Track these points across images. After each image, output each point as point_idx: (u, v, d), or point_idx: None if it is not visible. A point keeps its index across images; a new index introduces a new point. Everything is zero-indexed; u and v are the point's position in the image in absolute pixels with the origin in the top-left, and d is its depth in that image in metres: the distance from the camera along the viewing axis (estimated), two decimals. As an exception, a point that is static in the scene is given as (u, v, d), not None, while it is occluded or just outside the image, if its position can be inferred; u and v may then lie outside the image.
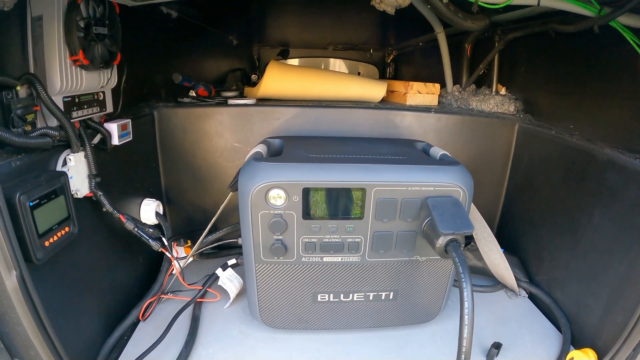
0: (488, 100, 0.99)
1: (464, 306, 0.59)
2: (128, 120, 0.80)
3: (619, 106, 0.77)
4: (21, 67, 0.59)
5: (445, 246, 0.63)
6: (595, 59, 0.82)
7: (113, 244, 0.78)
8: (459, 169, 0.69)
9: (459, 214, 0.65)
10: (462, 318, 0.59)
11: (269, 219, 0.65)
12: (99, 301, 0.74)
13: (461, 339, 0.59)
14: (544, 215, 0.90)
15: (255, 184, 0.63)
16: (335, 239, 0.67)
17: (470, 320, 0.59)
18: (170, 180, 0.94)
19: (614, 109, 0.78)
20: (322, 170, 0.64)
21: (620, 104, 0.76)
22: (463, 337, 0.59)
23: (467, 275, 0.60)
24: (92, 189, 0.71)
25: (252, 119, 0.90)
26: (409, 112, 0.92)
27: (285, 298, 0.72)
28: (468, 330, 0.59)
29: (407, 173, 0.66)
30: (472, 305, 0.59)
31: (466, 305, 0.59)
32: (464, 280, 0.60)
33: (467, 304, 0.59)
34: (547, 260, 0.90)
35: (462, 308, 0.59)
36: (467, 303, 0.59)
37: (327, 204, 0.65)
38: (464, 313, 0.59)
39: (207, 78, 1.14)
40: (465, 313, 0.59)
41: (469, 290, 0.59)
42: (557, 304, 0.86)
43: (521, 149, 0.97)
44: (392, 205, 0.66)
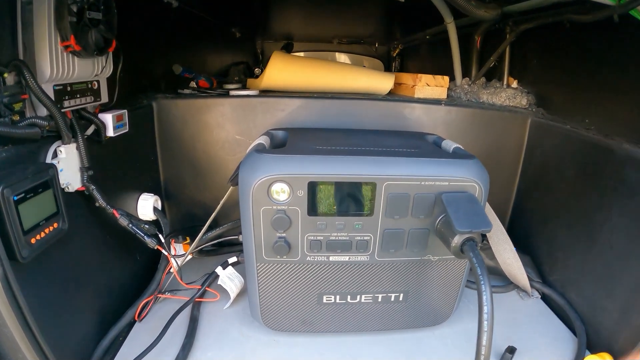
0: (499, 93, 0.92)
1: (482, 311, 0.52)
2: (124, 111, 0.74)
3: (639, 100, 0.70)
4: (10, 53, 0.53)
5: (461, 245, 0.57)
6: (613, 51, 0.75)
7: (108, 241, 0.72)
8: (474, 162, 0.62)
9: (475, 211, 0.58)
10: (480, 324, 0.52)
11: (271, 215, 0.58)
12: (92, 301, 0.68)
13: (479, 346, 0.53)
14: (558, 212, 0.83)
15: (256, 177, 0.56)
16: (343, 237, 0.60)
17: (490, 326, 0.52)
18: (169, 174, 0.87)
19: (633, 102, 0.71)
20: (329, 162, 0.57)
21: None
22: (482, 345, 0.52)
23: (485, 277, 0.53)
24: (84, 182, 0.65)
25: (254, 110, 0.83)
26: (418, 104, 0.85)
27: (289, 299, 0.65)
28: (487, 337, 0.52)
29: (420, 166, 0.59)
30: (492, 309, 0.53)
31: (485, 310, 0.52)
32: (483, 283, 0.53)
33: (486, 309, 0.52)
34: (561, 259, 0.83)
35: (481, 313, 0.52)
36: (486, 307, 0.53)
37: (335, 200, 0.58)
38: (483, 318, 0.52)
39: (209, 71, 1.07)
40: (484, 318, 0.52)
41: (488, 294, 0.53)
42: (571, 305, 0.79)
43: (534, 144, 0.90)
44: (404, 201, 0.59)
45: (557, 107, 0.89)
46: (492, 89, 0.94)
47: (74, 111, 0.64)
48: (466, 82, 0.99)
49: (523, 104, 0.92)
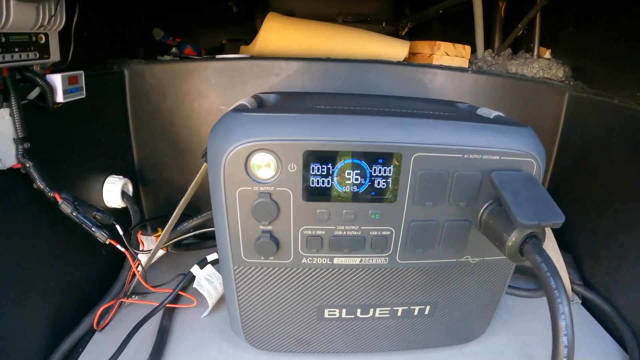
0: (531, 64, 0.70)
1: (559, 343, 0.31)
2: (80, 72, 0.52)
3: None
4: None
5: (521, 244, 0.35)
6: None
7: (62, 233, 0.51)
8: (529, 132, 0.40)
9: (539, 197, 0.36)
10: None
11: (252, 200, 0.36)
12: (41, 306, 0.48)
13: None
14: (604, 202, 0.62)
15: (230, 144, 0.35)
16: (353, 232, 0.38)
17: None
18: (144, 153, 0.65)
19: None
20: (335, 124, 0.35)
21: None
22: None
23: (562, 292, 0.32)
24: (20, 157, 0.44)
25: (244, 75, 0.61)
26: (440, 71, 0.63)
27: (279, 313, 0.44)
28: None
29: (463, 133, 0.37)
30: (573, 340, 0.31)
31: (564, 342, 0.31)
32: (560, 302, 0.31)
33: (565, 340, 0.31)
34: (607, 258, 0.61)
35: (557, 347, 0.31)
36: (565, 339, 0.31)
37: (342, 179, 0.36)
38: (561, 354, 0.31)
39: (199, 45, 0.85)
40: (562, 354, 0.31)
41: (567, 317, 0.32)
42: (619, 313, 0.58)
43: (573, 122, 0.68)
44: (442, 181, 0.37)
45: (599, 80, 0.66)
46: (521, 59, 0.72)
47: (12, 69, 0.44)
48: (489, 54, 0.76)
49: (559, 75, 0.69)
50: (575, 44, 0.72)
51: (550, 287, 0.32)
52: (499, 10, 0.78)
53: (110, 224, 0.49)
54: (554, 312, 0.31)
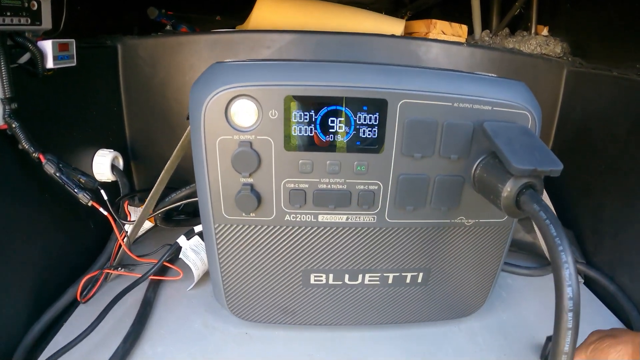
0: (528, 40, 0.67)
1: (564, 295, 0.28)
2: (71, 40, 0.51)
3: None
4: None
5: (517, 195, 0.32)
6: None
7: (48, 201, 0.48)
8: (523, 86, 0.38)
9: (535, 145, 0.33)
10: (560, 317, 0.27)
11: (232, 149, 0.34)
12: (22, 275, 0.45)
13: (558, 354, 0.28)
14: (606, 178, 0.58)
15: (210, 91, 0.32)
16: (338, 186, 0.35)
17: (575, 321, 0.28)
18: (136, 127, 0.63)
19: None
20: (317, 69, 0.33)
21: None
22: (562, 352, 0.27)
23: (565, 241, 0.28)
24: (6, 117, 0.43)
25: (235, 48, 0.59)
26: (435, 44, 0.60)
27: (262, 278, 0.40)
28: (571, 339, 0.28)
29: (452, 81, 0.34)
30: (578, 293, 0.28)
31: (569, 294, 0.28)
32: (562, 250, 0.28)
33: (569, 291, 0.28)
34: (610, 236, 0.58)
35: (562, 299, 0.28)
36: (570, 290, 0.28)
37: (325, 126, 0.34)
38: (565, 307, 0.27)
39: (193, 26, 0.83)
40: (567, 307, 0.27)
41: (571, 267, 0.28)
42: (624, 292, 0.54)
43: (571, 97, 0.65)
44: (430, 130, 0.34)
45: (598, 55, 0.64)
46: (519, 37, 0.69)
47: (3, 33, 0.42)
48: (487, 34, 0.74)
49: (557, 51, 0.66)
50: (572, 21, 0.69)
51: (550, 236, 0.29)
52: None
53: (95, 188, 0.46)
54: (556, 261, 0.28)
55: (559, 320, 0.27)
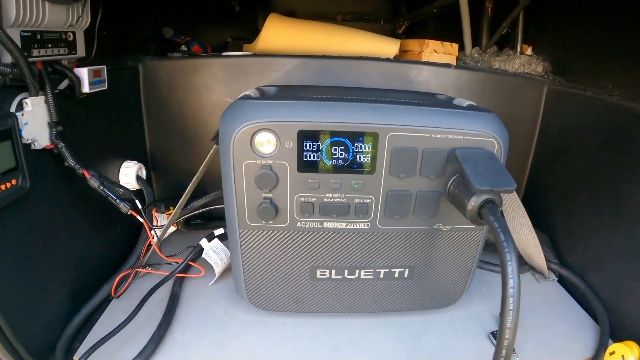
0: (513, 60, 0.79)
1: (507, 285, 0.40)
2: (102, 66, 0.63)
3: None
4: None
5: (479, 208, 0.44)
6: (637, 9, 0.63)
7: (85, 209, 0.61)
8: (493, 117, 0.50)
9: (495, 168, 0.45)
10: (504, 301, 0.40)
11: (255, 171, 0.46)
12: (63, 274, 0.57)
13: (503, 329, 0.40)
14: (578, 187, 0.71)
15: (238, 125, 0.45)
16: (339, 200, 0.48)
17: (516, 304, 0.40)
18: (156, 141, 0.75)
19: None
20: (324, 108, 0.45)
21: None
22: (506, 327, 0.40)
23: (511, 244, 0.41)
24: (53, 139, 0.54)
25: (247, 71, 0.71)
26: (426, 67, 0.72)
27: (277, 273, 0.53)
28: (513, 318, 0.40)
29: (431, 116, 0.47)
30: (519, 284, 0.40)
31: (511, 284, 0.40)
32: (507, 251, 0.40)
33: (511, 282, 0.40)
34: (581, 238, 0.70)
35: (505, 288, 0.40)
36: (511, 281, 0.40)
37: (329, 153, 0.46)
38: (508, 294, 0.40)
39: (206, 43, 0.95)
40: (509, 294, 0.40)
41: (514, 264, 0.40)
42: (592, 289, 0.66)
43: (551, 113, 0.77)
44: (412, 156, 0.46)
45: (576, 75, 0.76)
46: (504, 56, 0.81)
47: (46, 63, 0.53)
48: (476, 52, 0.86)
49: (539, 70, 0.79)
50: (555, 41, 0.81)
51: (500, 241, 0.41)
52: (486, 10, 0.88)
53: (130, 199, 0.59)
54: (502, 260, 0.40)
55: (504, 303, 0.40)
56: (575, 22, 0.76)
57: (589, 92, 0.70)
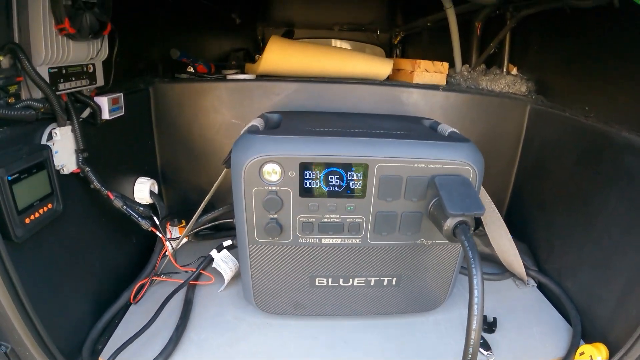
0: (499, 80, 0.91)
1: (473, 294, 0.52)
2: (120, 94, 0.74)
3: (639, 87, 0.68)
4: (5, 36, 0.53)
5: (453, 229, 0.56)
6: (613, 37, 0.74)
7: (104, 224, 0.72)
8: (469, 146, 0.61)
9: (468, 194, 0.57)
10: (470, 307, 0.52)
11: (263, 196, 0.58)
12: (88, 283, 0.68)
13: (469, 330, 0.52)
14: (556, 200, 0.83)
15: (248, 158, 0.56)
16: (335, 219, 0.60)
17: (480, 310, 0.52)
18: (166, 158, 0.87)
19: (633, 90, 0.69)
20: (321, 143, 0.57)
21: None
22: (472, 329, 0.52)
23: (477, 260, 0.53)
24: (80, 164, 0.65)
25: (251, 94, 0.83)
26: (415, 90, 0.84)
27: (281, 282, 0.65)
28: (477, 321, 0.52)
29: (413, 149, 0.58)
30: (482, 293, 0.52)
31: (476, 294, 0.52)
32: (474, 267, 0.52)
33: (476, 292, 0.52)
34: (558, 247, 0.82)
35: (471, 297, 0.52)
36: (476, 291, 0.52)
37: (326, 181, 0.58)
38: (473, 302, 0.52)
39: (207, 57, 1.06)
40: (474, 302, 0.52)
41: (479, 278, 0.52)
42: (567, 294, 0.78)
43: (533, 131, 0.89)
44: (397, 183, 0.58)
45: (557, 95, 0.87)
46: (491, 75, 0.93)
47: (70, 94, 0.64)
48: (466, 69, 0.97)
49: (522, 90, 0.90)
50: (538, 62, 0.92)
51: (468, 257, 0.53)
52: (476, 29, 1.00)
53: (149, 216, 0.70)
54: (470, 273, 0.52)
55: (470, 309, 0.52)
56: (557, 44, 0.88)
57: (567, 112, 0.81)
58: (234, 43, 1.23)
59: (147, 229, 0.68)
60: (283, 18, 1.23)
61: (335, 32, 1.31)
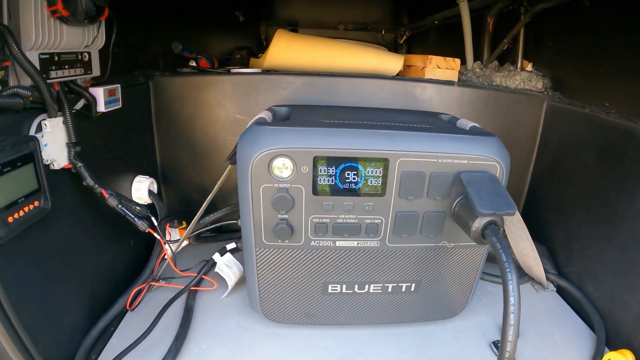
0: (513, 76, 0.84)
1: (509, 302, 0.45)
2: (117, 85, 0.66)
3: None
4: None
5: (482, 230, 0.49)
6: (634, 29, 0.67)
7: (98, 224, 0.64)
8: (495, 140, 0.54)
9: (498, 192, 0.50)
10: (506, 317, 0.44)
11: (272, 194, 0.50)
12: (80, 288, 0.61)
13: (504, 342, 0.45)
14: (576, 201, 0.76)
15: (256, 151, 0.49)
16: (351, 220, 0.53)
17: (517, 319, 0.45)
18: (166, 155, 0.79)
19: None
20: (337, 136, 0.49)
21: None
22: (507, 341, 0.45)
23: (512, 264, 0.46)
24: (71, 159, 0.58)
25: (256, 88, 0.75)
26: (429, 85, 0.77)
27: (291, 288, 0.58)
28: (514, 331, 0.45)
29: (437, 142, 0.51)
30: (519, 301, 0.45)
31: (512, 302, 0.45)
32: (509, 271, 0.45)
33: (512, 300, 0.45)
34: (578, 250, 0.75)
35: (507, 305, 0.45)
36: (512, 299, 0.45)
37: (343, 177, 0.50)
38: (509, 310, 0.44)
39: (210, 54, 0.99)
40: (510, 311, 0.45)
41: (514, 283, 0.45)
42: (589, 299, 0.71)
43: (550, 129, 0.82)
44: (420, 180, 0.51)
45: (575, 91, 0.81)
46: (505, 72, 0.86)
47: (62, 83, 0.57)
48: (478, 66, 0.91)
49: (539, 87, 0.84)
50: (554, 58, 0.86)
51: (502, 260, 0.46)
52: (488, 25, 0.93)
53: (147, 216, 0.63)
54: (504, 278, 0.45)
55: (506, 318, 0.44)
56: (573, 39, 0.82)
57: (587, 109, 0.75)
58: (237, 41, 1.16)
59: (144, 230, 0.61)
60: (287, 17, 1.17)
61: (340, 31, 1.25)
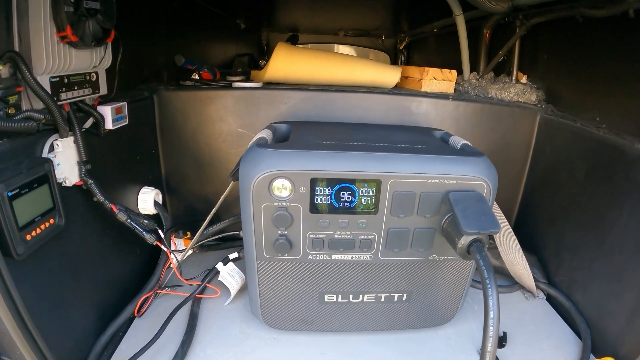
0: (508, 88, 0.89)
1: (488, 316, 0.50)
2: (123, 103, 0.71)
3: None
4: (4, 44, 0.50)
5: (468, 247, 0.54)
6: (626, 47, 0.72)
7: (107, 236, 0.70)
8: (483, 160, 0.59)
9: (483, 211, 0.55)
10: (486, 329, 0.50)
11: (272, 212, 0.56)
12: (91, 297, 0.66)
13: (484, 352, 0.50)
14: (567, 212, 0.80)
15: (257, 172, 0.54)
16: (346, 236, 0.58)
17: (495, 332, 0.50)
18: (170, 167, 0.84)
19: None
20: (333, 158, 0.55)
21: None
22: (487, 351, 0.50)
23: (492, 281, 0.51)
24: (82, 177, 0.62)
25: (257, 102, 0.80)
26: (425, 99, 0.82)
27: (290, 298, 0.63)
28: (492, 343, 0.50)
29: (427, 164, 0.56)
30: (498, 315, 0.50)
31: (491, 315, 0.50)
32: (490, 287, 0.50)
33: (492, 314, 0.50)
34: (568, 260, 0.80)
35: (487, 318, 0.50)
36: (492, 312, 0.50)
37: (338, 197, 0.56)
38: (489, 324, 0.50)
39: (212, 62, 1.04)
40: (490, 324, 0.50)
41: (495, 299, 0.50)
42: (577, 307, 0.76)
43: (543, 141, 0.87)
44: (410, 199, 0.56)
45: (568, 104, 0.85)
46: (500, 84, 0.91)
47: (72, 104, 0.61)
48: (474, 77, 0.95)
49: (532, 100, 0.88)
50: (548, 71, 0.90)
51: (484, 277, 0.51)
52: (484, 36, 0.97)
53: (154, 228, 0.68)
54: (485, 294, 0.50)
55: (486, 330, 0.50)
56: (567, 53, 0.86)
57: (578, 123, 0.79)
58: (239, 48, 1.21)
59: (152, 243, 0.66)
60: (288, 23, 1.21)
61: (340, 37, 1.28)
